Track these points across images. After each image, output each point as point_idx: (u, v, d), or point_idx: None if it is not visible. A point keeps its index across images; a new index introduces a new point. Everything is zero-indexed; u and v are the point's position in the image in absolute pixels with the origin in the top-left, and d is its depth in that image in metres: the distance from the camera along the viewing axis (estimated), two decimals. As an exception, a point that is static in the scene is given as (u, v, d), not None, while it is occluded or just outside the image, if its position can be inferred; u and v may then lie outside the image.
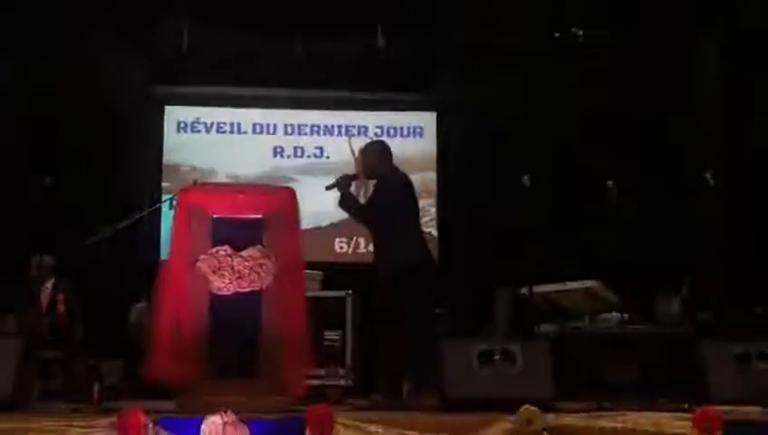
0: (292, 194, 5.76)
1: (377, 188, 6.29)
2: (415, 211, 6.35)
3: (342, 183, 6.28)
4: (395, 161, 6.48)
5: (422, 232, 6.46)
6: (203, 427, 4.57)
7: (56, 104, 9.39)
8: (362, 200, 6.32)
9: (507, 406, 4.78)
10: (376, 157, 6.37)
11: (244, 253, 5.51)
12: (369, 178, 6.35)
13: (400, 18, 9.10)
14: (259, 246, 5.54)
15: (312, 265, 7.47)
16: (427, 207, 10.06)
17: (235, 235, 5.56)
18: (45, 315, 7.36)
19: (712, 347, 5.68)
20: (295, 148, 10.27)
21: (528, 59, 9.71)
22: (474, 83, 9.88)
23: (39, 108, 9.37)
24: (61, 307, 7.52)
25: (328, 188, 6.33)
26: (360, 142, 6.63)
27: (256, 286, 5.50)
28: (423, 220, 9.55)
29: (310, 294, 6.34)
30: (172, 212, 5.92)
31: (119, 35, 9.38)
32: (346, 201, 6.28)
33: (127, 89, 9.62)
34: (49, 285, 7.72)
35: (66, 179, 8.61)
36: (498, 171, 9.33)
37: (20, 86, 9.39)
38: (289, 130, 10.28)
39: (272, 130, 10.27)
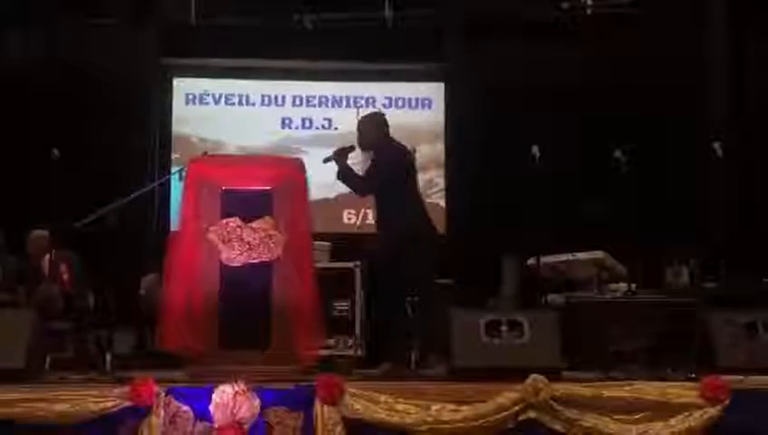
0: (300, 165, 5.78)
1: (373, 160, 6.32)
2: (412, 181, 6.36)
3: (339, 156, 6.29)
4: (403, 132, 6.50)
5: (422, 201, 6.48)
6: (214, 396, 4.62)
7: (66, 77, 9.40)
8: (360, 172, 6.34)
9: (515, 376, 4.81)
10: (371, 129, 6.38)
11: (253, 224, 5.53)
12: (366, 149, 6.37)
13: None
14: (268, 218, 5.57)
15: (320, 237, 7.51)
16: (435, 179, 10.07)
17: (245, 206, 5.59)
18: (51, 286, 7.39)
19: (720, 316, 5.70)
20: (303, 119, 10.28)
21: (536, 29, 9.67)
22: (481, 54, 9.86)
23: (48, 80, 9.38)
24: (64, 277, 7.55)
25: (325, 160, 6.34)
26: (368, 113, 6.65)
27: (266, 257, 5.52)
28: (431, 191, 9.65)
29: (319, 265, 6.38)
30: (182, 183, 5.94)
31: (127, 8, 9.37)
32: (343, 173, 6.29)
33: (136, 61, 9.63)
34: (47, 257, 7.75)
35: (76, 151, 8.67)
36: (506, 142, 9.32)
37: (28, 59, 9.40)
38: (297, 101, 10.28)
39: (280, 102, 10.27)
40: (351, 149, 6.34)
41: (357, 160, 6.40)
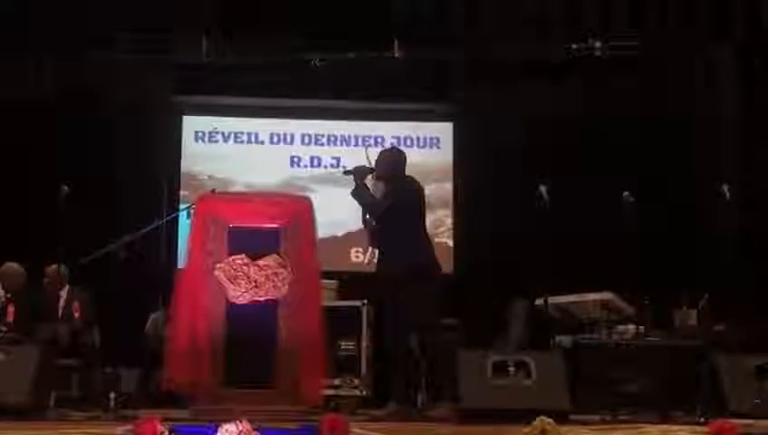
0: (308, 203, 5.79)
1: (387, 192, 6.35)
2: (421, 218, 6.38)
3: (359, 172, 6.36)
4: (411, 171, 6.52)
5: (429, 240, 6.48)
6: (218, 435, 4.59)
7: (76, 113, 9.45)
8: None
9: (522, 417, 4.77)
10: (390, 162, 6.44)
11: (260, 262, 5.54)
12: (381, 180, 6.41)
13: (417, 29, 9.11)
14: (275, 256, 5.57)
15: (328, 275, 7.49)
16: (443, 218, 10.07)
17: (252, 244, 5.59)
18: (63, 323, 7.39)
19: (728, 360, 5.66)
20: (312, 158, 10.30)
21: (544, 70, 9.71)
22: (490, 94, 9.88)
23: (59, 116, 9.43)
24: (76, 315, 7.55)
25: (345, 172, 6.46)
26: (376, 152, 6.67)
27: (272, 295, 5.52)
28: (439, 231, 9.64)
29: (325, 303, 6.36)
30: (190, 221, 5.96)
31: (140, 45, 9.44)
32: (359, 191, 6.34)
33: (146, 98, 9.68)
34: (63, 293, 7.76)
35: (84, 187, 8.70)
36: (514, 182, 9.32)
37: (41, 93, 9.45)
38: (306, 139, 10.31)
39: (289, 140, 10.30)
40: (372, 170, 6.40)
41: (372, 189, 6.43)
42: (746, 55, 9.30)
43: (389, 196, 6.31)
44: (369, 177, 6.41)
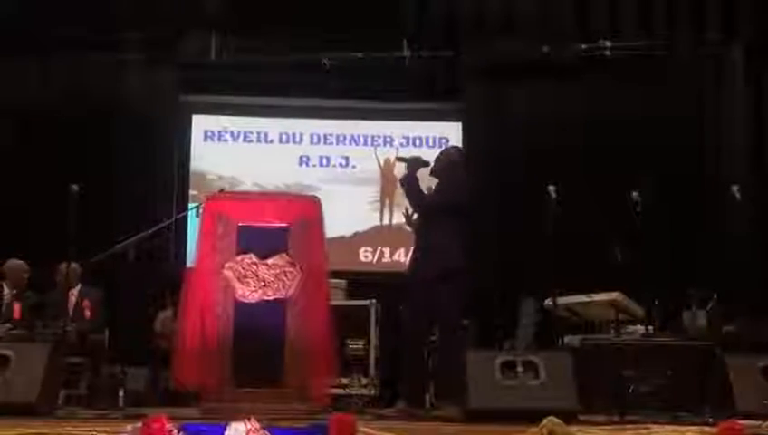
0: (317, 203, 5.80)
1: (437, 187, 6.34)
2: (463, 222, 6.34)
3: (413, 162, 6.35)
4: (420, 171, 6.51)
5: (464, 240, 6.44)
6: (226, 434, 4.59)
7: (86, 112, 9.47)
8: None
9: (530, 418, 4.76)
10: (448, 162, 6.42)
11: (269, 261, 5.54)
12: (434, 176, 6.39)
13: (426, 29, 9.12)
14: (284, 255, 5.58)
15: (336, 274, 7.50)
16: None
17: (261, 243, 5.60)
18: (72, 322, 7.41)
19: (737, 360, 5.64)
20: (321, 157, 10.31)
21: (554, 69, 9.69)
22: (499, 94, 9.88)
23: (69, 116, 9.45)
24: (87, 314, 7.57)
25: (399, 159, 6.47)
26: (385, 152, 6.67)
27: (281, 294, 5.53)
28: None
29: (334, 302, 6.36)
30: (199, 220, 5.97)
31: (148, 45, 9.46)
32: (409, 180, 6.29)
33: (155, 98, 9.69)
34: (75, 291, 7.78)
35: (94, 187, 8.72)
36: (523, 181, 9.32)
37: (49, 93, 9.48)
38: (315, 139, 10.32)
39: (298, 140, 10.31)
40: (426, 164, 6.39)
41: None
42: (756, 55, 9.28)
43: (440, 194, 6.29)
44: (423, 170, 6.38)
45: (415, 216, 6.46)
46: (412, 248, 6.50)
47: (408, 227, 6.69)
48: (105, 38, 9.31)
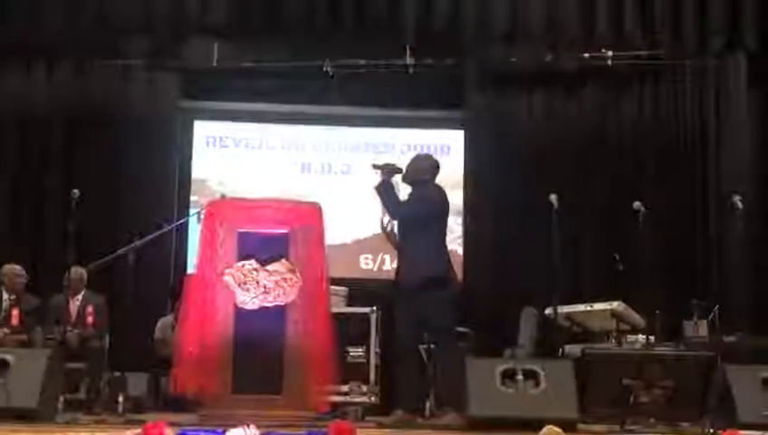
0: (317, 209, 5.80)
1: (411, 195, 6.34)
2: (442, 226, 6.34)
3: (387, 169, 6.30)
4: (421, 178, 6.50)
5: (446, 247, 6.43)
6: (225, 440, 4.59)
7: (88, 118, 9.47)
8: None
9: (530, 426, 4.76)
10: (420, 168, 6.41)
11: (269, 267, 5.55)
12: (408, 183, 6.38)
13: (429, 37, 9.11)
14: (285, 261, 5.58)
15: (337, 282, 7.48)
16: (453, 226, 10.02)
17: (261, 249, 5.60)
18: (73, 327, 7.40)
19: (738, 371, 5.63)
20: (322, 164, 10.30)
21: (556, 78, 9.70)
22: (501, 102, 9.88)
23: (71, 120, 9.45)
24: (89, 319, 7.56)
25: (374, 166, 6.36)
26: (384, 160, 6.64)
27: (281, 301, 5.53)
28: (448, 238, 9.61)
29: (334, 309, 6.36)
30: (199, 226, 5.97)
31: (150, 51, 9.46)
32: (384, 187, 6.26)
33: (157, 103, 9.69)
34: (80, 296, 7.77)
35: (95, 192, 8.73)
36: (525, 190, 9.31)
37: (52, 99, 9.48)
38: (316, 146, 10.31)
39: (299, 147, 10.30)
40: (399, 170, 6.36)
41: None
42: (759, 63, 9.27)
43: (414, 200, 6.29)
44: (398, 177, 6.36)
45: (390, 226, 6.41)
46: (398, 254, 6.49)
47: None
48: (107, 44, 9.32)
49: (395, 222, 6.36)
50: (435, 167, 6.47)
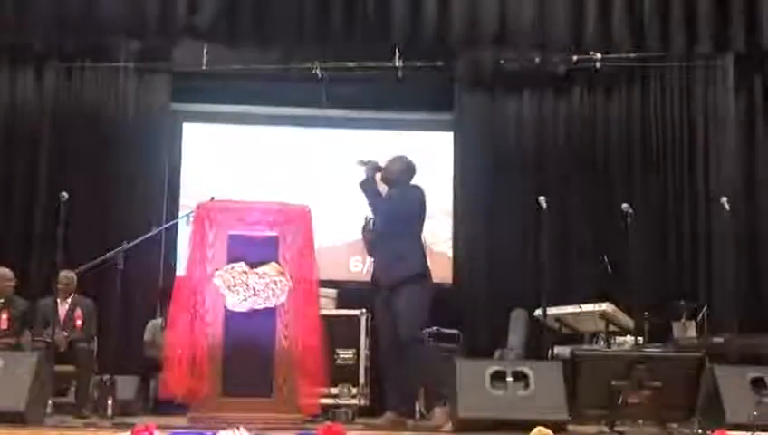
0: (307, 212, 5.80)
1: (389, 193, 6.36)
2: (419, 225, 6.35)
3: (371, 166, 6.39)
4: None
5: (423, 247, 6.43)
6: (215, 443, 4.58)
7: (77, 121, 9.45)
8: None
9: (519, 428, 4.77)
10: (398, 168, 6.45)
11: (259, 269, 5.55)
12: (386, 184, 6.41)
13: (418, 39, 9.12)
14: (274, 263, 5.58)
15: (326, 284, 7.49)
16: (443, 228, 10.05)
17: (251, 251, 5.60)
18: (62, 330, 7.38)
19: (727, 372, 5.65)
20: (312, 167, 10.29)
21: (545, 80, 9.73)
22: (490, 105, 9.89)
23: (60, 125, 9.43)
24: (78, 323, 7.55)
25: (359, 163, 6.45)
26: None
27: (271, 303, 5.53)
28: (438, 240, 9.64)
29: (324, 312, 6.36)
30: (189, 228, 5.96)
31: (140, 54, 9.46)
32: (368, 183, 6.37)
33: (147, 106, 9.68)
34: (69, 300, 7.75)
35: (84, 195, 8.72)
36: (514, 192, 9.34)
37: (42, 101, 9.46)
38: (306, 149, 10.30)
39: (289, 149, 10.29)
40: (382, 170, 6.41)
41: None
42: (746, 65, 9.31)
43: (396, 199, 6.31)
44: (378, 176, 6.43)
45: (368, 229, 6.44)
46: (372, 261, 6.51)
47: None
48: (97, 46, 9.31)
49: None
50: (411, 168, 6.52)
